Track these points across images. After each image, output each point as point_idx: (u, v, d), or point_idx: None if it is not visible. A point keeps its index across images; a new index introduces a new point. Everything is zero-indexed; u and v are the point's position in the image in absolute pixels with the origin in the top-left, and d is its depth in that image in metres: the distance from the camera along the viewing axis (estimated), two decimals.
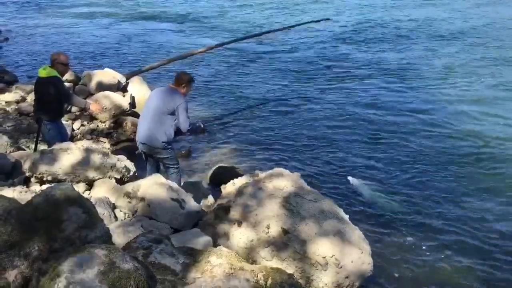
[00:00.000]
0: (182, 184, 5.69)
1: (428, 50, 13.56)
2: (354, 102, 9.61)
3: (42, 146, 6.21)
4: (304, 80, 11.26)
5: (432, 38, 14.95)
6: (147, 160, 5.72)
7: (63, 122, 6.54)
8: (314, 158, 7.22)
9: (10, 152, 6.31)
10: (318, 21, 17.38)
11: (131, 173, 5.47)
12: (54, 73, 5.64)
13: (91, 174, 5.12)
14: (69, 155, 5.12)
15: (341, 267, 3.73)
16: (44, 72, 5.64)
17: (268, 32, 15.04)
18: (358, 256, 3.82)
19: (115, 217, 4.46)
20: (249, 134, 8.27)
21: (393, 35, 15.62)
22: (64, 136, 6.02)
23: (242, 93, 10.45)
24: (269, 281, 3.12)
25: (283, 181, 4.35)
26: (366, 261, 3.87)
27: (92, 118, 8.17)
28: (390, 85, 10.59)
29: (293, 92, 10.36)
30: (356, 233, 4.01)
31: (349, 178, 6.48)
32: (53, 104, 5.75)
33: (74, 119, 8.12)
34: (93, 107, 6.16)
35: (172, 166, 5.62)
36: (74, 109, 8.30)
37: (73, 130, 7.73)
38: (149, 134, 5.34)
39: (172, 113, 5.29)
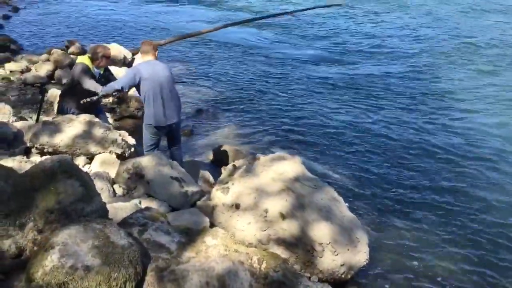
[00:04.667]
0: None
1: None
2: (363, 92, 9.53)
3: (45, 117, 6.19)
4: (311, 67, 11.15)
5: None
6: (157, 141, 5.47)
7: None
8: (317, 145, 7.18)
9: (12, 121, 6.28)
10: (329, 6, 17.14)
11: (132, 149, 5.44)
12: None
13: (92, 148, 5.09)
14: (70, 128, 5.09)
15: (337, 254, 3.71)
16: None
17: (276, 15, 14.83)
18: (355, 245, 3.81)
19: (114, 192, 4.45)
20: (253, 117, 8.21)
21: (415, 25, 15.39)
22: None
23: (248, 76, 10.36)
24: (264, 265, 3.11)
25: (284, 166, 4.31)
26: (363, 250, 3.85)
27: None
28: (401, 79, 10.50)
29: (300, 79, 10.26)
30: (354, 222, 3.99)
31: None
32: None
33: None
34: None
35: (181, 139, 5.63)
36: None
37: None
38: (174, 112, 5.24)
39: (174, 83, 5.36)
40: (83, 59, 5.58)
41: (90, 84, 5.45)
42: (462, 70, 10.88)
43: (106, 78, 5.79)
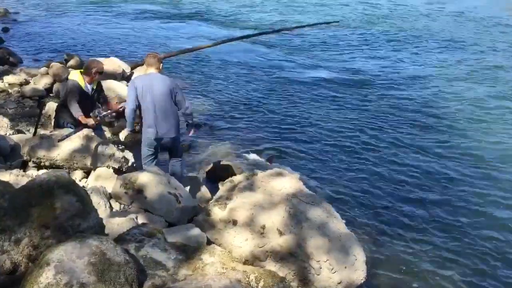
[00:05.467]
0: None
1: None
2: (366, 106, 9.56)
3: (42, 131, 6.18)
4: (311, 83, 11.15)
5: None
6: (154, 153, 5.38)
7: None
8: (316, 161, 7.17)
9: (10, 134, 6.28)
10: (328, 23, 17.32)
11: (130, 164, 5.43)
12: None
13: (89, 162, 5.08)
14: (68, 142, 5.09)
15: (334, 272, 3.69)
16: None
17: (275, 31, 15.01)
18: (352, 262, 3.78)
19: (111, 207, 4.42)
20: (251, 132, 8.22)
21: (408, 40, 15.53)
22: None
23: (245, 91, 10.39)
24: (261, 283, 3.08)
25: (282, 182, 4.31)
26: (360, 268, 3.82)
27: None
28: (398, 92, 10.54)
29: (300, 95, 10.28)
30: (351, 239, 3.97)
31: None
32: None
33: None
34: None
35: (181, 152, 5.59)
36: None
37: None
38: (171, 126, 5.15)
39: (172, 97, 5.16)
40: (75, 75, 5.53)
41: (73, 107, 5.32)
42: (467, 91, 10.75)
43: (98, 93, 5.77)
